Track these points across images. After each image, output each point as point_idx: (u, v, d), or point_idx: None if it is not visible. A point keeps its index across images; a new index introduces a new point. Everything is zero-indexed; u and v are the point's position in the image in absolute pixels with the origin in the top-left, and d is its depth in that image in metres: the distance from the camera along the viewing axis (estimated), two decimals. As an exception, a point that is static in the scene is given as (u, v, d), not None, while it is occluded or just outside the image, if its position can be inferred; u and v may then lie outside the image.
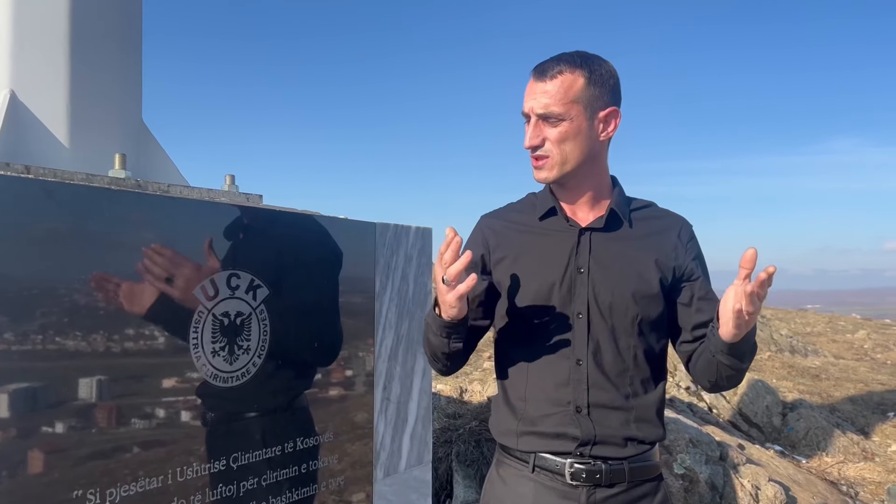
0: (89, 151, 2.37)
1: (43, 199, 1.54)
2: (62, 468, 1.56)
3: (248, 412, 1.97)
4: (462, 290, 1.39)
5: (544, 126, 1.55)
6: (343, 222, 2.34)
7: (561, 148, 1.55)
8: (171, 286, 1.76)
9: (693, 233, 1.68)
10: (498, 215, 1.73)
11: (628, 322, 1.57)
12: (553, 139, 1.55)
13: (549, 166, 1.57)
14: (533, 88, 1.56)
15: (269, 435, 2.02)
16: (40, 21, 2.30)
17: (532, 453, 1.59)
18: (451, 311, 1.45)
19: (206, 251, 1.84)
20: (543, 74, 1.55)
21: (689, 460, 4.13)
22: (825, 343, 11.32)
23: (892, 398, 7.60)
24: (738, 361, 1.47)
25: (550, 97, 1.53)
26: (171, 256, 1.76)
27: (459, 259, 1.37)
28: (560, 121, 1.54)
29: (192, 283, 1.80)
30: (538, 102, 1.54)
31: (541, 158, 1.57)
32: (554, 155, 1.56)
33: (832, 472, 5.47)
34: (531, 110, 1.56)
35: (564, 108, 1.53)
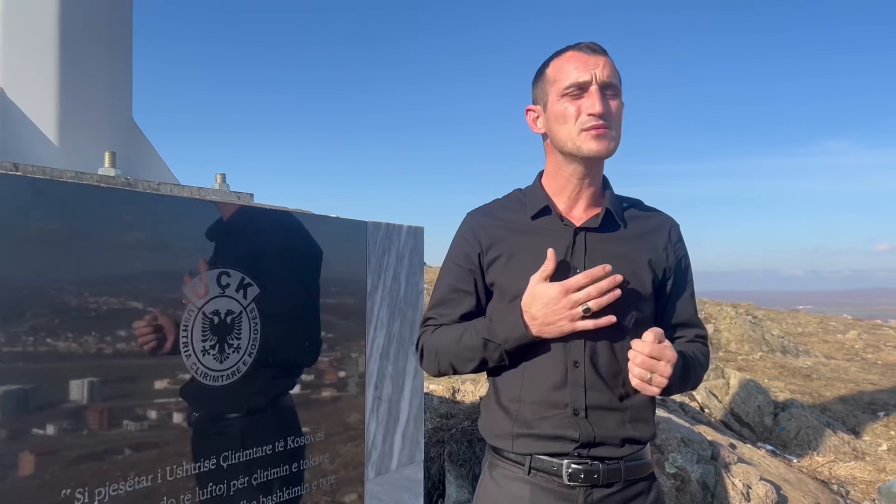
0: (79, 149, 2.36)
1: (32, 196, 1.53)
2: (52, 469, 1.55)
3: (238, 411, 1.96)
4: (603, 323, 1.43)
5: (604, 96, 1.51)
6: (334, 221, 2.33)
7: (618, 122, 1.54)
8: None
9: (681, 233, 1.69)
10: (487, 213, 1.68)
11: (624, 323, 1.55)
12: (614, 111, 1.52)
13: (612, 137, 1.53)
14: (588, 59, 1.51)
15: (260, 434, 2.01)
16: (30, 20, 2.29)
17: (528, 455, 1.57)
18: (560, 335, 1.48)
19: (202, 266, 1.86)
20: (595, 49, 1.52)
21: (680, 460, 4.14)
22: (816, 343, 11.37)
23: (883, 398, 7.65)
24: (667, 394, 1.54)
25: (611, 69, 1.52)
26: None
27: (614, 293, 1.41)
28: (617, 94, 1.53)
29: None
30: (602, 71, 1.50)
31: (605, 127, 1.51)
32: (615, 127, 1.53)
33: (823, 472, 5.49)
34: (596, 78, 1.50)
35: (619, 84, 1.53)
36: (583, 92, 1.51)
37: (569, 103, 1.53)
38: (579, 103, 1.52)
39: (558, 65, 1.56)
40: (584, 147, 1.52)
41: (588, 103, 1.50)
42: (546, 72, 1.59)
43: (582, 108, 1.51)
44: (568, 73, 1.52)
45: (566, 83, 1.52)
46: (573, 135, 1.52)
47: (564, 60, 1.55)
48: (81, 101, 2.40)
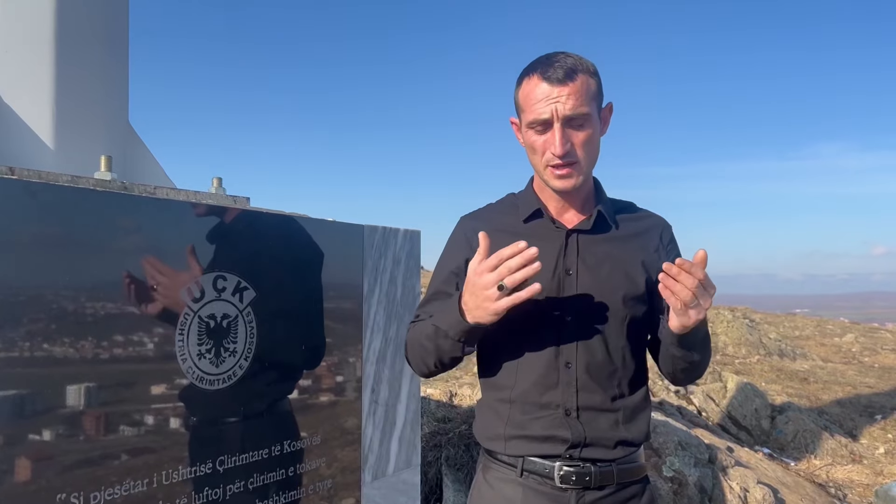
0: (74, 153, 2.36)
1: (27, 200, 1.52)
2: (48, 474, 1.54)
3: (235, 415, 1.96)
4: (524, 296, 1.36)
5: (568, 130, 1.49)
6: (331, 224, 2.33)
7: (587, 151, 1.51)
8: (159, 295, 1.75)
9: (673, 234, 1.69)
10: (479, 217, 1.69)
11: (617, 323, 1.56)
12: (580, 143, 1.49)
13: (576, 173, 1.51)
14: (551, 92, 1.47)
15: (256, 438, 2.01)
16: (26, 22, 2.29)
17: (520, 457, 1.57)
18: (493, 319, 1.42)
19: (189, 256, 1.84)
20: (562, 76, 1.46)
21: (678, 463, 4.14)
22: (813, 346, 11.39)
23: (880, 401, 7.66)
24: (688, 353, 1.50)
25: (577, 98, 1.46)
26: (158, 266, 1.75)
27: (531, 266, 1.34)
28: (585, 123, 1.49)
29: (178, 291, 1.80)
30: (565, 105, 1.46)
31: (570, 165, 1.50)
32: (582, 160, 1.50)
33: (820, 475, 5.49)
34: (556, 114, 1.47)
35: (589, 110, 1.48)
36: (546, 128, 1.49)
37: (535, 136, 1.52)
38: (544, 138, 1.51)
39: (525, 91, 1.52)
40: (549, 182, 1.54)
41: (550, 142, 1.49)
42: (517, 94, 1.56)
43: (546, 145, 1.50)
44: (532, 106, 1.49)
45: (530, 118, 1.51)
46: (540, 168, 1.54)
47: (531, 88, 1.50)
48: (77, 105, 2.40)
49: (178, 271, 1.80)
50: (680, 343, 1.47)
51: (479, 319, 1.43)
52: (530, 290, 1.36)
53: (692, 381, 1.64)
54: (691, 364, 1.53)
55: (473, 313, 1.43)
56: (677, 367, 1.55)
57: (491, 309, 1.40)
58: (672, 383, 1.75)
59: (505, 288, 1.36)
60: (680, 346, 1.48)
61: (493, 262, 1.38)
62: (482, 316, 1.42)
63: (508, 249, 1.36)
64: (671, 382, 1.69)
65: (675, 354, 1.51)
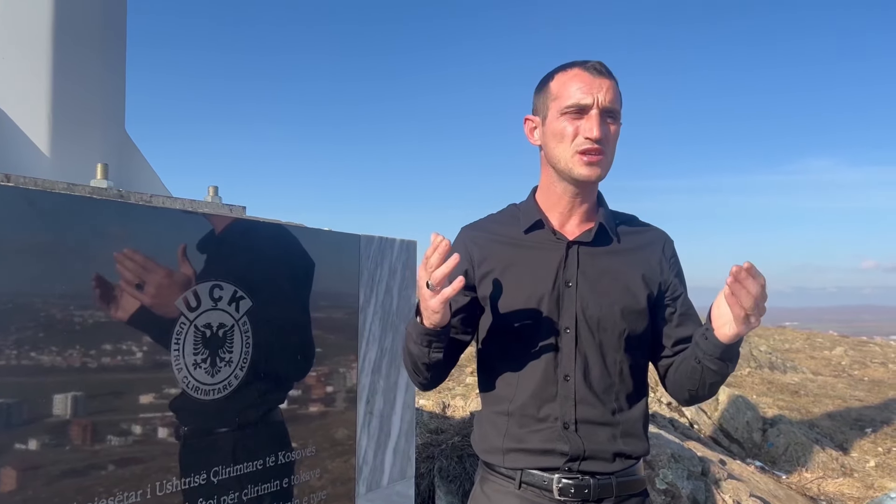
0: (71, 161, 2.34)
1: (24, 208, 1.51)
2: (36, 485, 1.52)
3: (229, 426, 1.94)
4: (448, 293, 1.36)
5: (604, 120, 1.50)
6: (327, 234, 2.33)
7: (613, 147, 1.54)
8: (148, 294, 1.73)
9: (675, 248, 1.68)
10: (480, 227, 1.68)
11: (616, 337, 1.55)
12: (612, 137, 1.52)
13: (604, 164, 1.52)
14: (593, 81, 1.50)
15: (251, 449, 1.99)
16: (22, 29, 2.28)
17: (518, 470, 1.56)
18: (434, 318, 1.42)
19: (180, 259, 1.82)
20: (602, 71, 1.51)
21: (671, 475, 4.14)
22: (804, 359, 11.43)
23: (870, 414, 7.69)
24: (725, 366, 1.46)
25: (614, 94, 1.50)
26: (145, 263, 1.73)
27: (446, 262, 1.34)
28: (616, 119, 1.52)
29: (171, 292, 1.78)
30: (605, 95, 1.49)
31: (600, 153, 1.50)
32: (608, 153, 1.52)
33: (812, 488, 5.50)
34: (598, 102, 1.49)
35: (620, 109, 1.52)
36: (583, 114, 1.50)
37: (567, 122, 1.52)
38: (578, 124, 1.51)
39: (562, 81, 1.54)
40: (575, 170, 1.53)
41: (587, 126, 1.49)
42: (549, 85, 1.57)
43: (580, 130, 1.50)
44: (571, 92, 1.51)
45: (568, 102, 1.51)
46: (567, 155, 1.52)
47: (569, 78, 1.52)
48: (74, 112, 2.39)
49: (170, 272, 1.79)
50: (723, 355, 1.43)
51: (428, 321, 1.44)
52: (452, 285, 1.36)
53: (710, 396, 1.59)
54: (722, 378, 1.50)
55: (423, 315, 1.45)
56: (706, 382, 1.51)
57: (429, 308, 1.41)
58: (684, 403, 1.69)
59: (432, 286, 1.37)
60: (722, 358, 1.44)
61: (423, 261, 1.39)
62: (428, 316, 1.43)
63: (430, 248, 1.36)
64: (684, 402, 1.65)
65: (710, 368, 1.46)
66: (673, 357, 1.61)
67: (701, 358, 1.47)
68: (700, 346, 1.46)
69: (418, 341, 1.50)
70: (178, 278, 1.80)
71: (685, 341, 1.59)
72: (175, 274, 1.80)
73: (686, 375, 1.54)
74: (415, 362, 1.57)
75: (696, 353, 1.48)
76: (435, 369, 1.57)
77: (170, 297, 1.78)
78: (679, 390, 1.59)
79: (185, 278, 1.82)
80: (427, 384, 1.63)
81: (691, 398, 1.59)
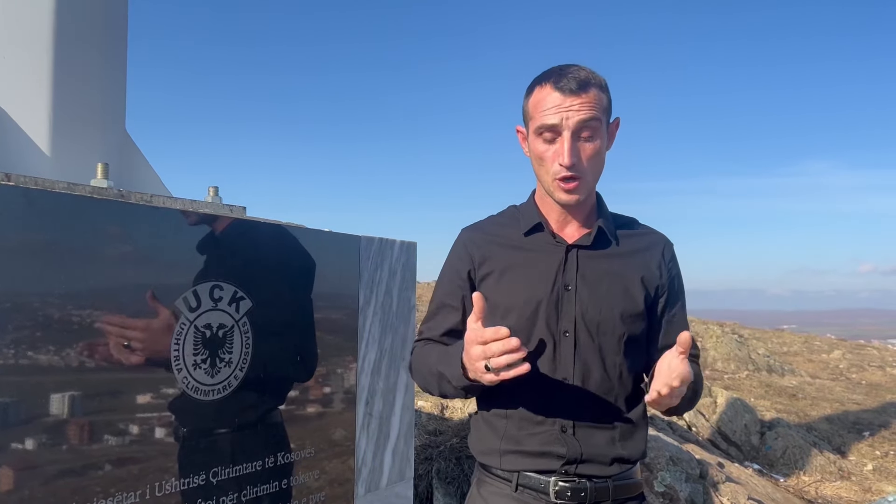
0: (71, 160, 2.34)
1: (25, 207, 1.51)
2: (31, 484, 1.52)
3: (229, 426, 1.94)
4: (510, 376, 1.30)
5: (577, 143, 1.47)
6: (327, 235, 2.32)
7: (592, 166, 1.50)
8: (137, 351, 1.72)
9: (674, 252, 1.68)
10: (479, 229, 1.68)
11: (615, 340, 1.55)
12: (587, 156, 1.48)
13: (584, 188, 1.51)
14: (563, 101, 1.45)
15: (250, 450, 1.99)
16: (23, 27, 2.27)
17: (515, 472, 1.56)
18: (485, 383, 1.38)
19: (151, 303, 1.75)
20: (575, 88, 1.46)
21: (669, 478, 4.13)
22: (801, 363, 11.44)
23: (868, 417, 7.70)
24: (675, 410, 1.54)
25: (589, 110, 1.46)
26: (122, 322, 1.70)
27: (513, 355, 1.28)
28: (594, 136, 1.48)
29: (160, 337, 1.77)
30: (576, 117, 1.45)
31: (576, 178, 1.49)
32: (587, 174, 1.50)
33: (810, 491, 5.50)
34: (566, 124, 1.46)
35: (597, 123, 1.48)
36: (556, 136, 1.48)
37: (543, 145, 1.51)
38: (553, 148, 1.49)
39: (537, 98, 1.51)
40: (555, 194, 1.53)
41: (560, 151, 1.47)
42: (528, 101, 1.55)
43: (555, 156, 1.49)
44: (543, 113, 1.48)
45: (539, 123, 1.49)
46: (548, 179, 1.53)
47: (543, 96, 1.49)
48: (75, 111, 2.39)
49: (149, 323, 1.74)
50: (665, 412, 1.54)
51: (477, 380, 1.40)
52: (516, 371, 1.30)
53: (680, 414, 1.65)
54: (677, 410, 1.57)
55: (471, 373, 1.40)
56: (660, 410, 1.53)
57: (483, 380, 1.37)
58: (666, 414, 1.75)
59: (493, 369, 1.31)
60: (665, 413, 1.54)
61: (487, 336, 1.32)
62: (479, 378, 1.38)
63: (490, 331, 1.30)
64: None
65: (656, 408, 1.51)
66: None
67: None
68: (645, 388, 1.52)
69: (457, 385, 1.47)
70: (159, 324, 1.76)
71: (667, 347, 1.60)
72: (153, 322, 1.75)
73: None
74: (443, 394, 1.57)
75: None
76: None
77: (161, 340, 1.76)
78: None
79: (167, 318, 1.78)
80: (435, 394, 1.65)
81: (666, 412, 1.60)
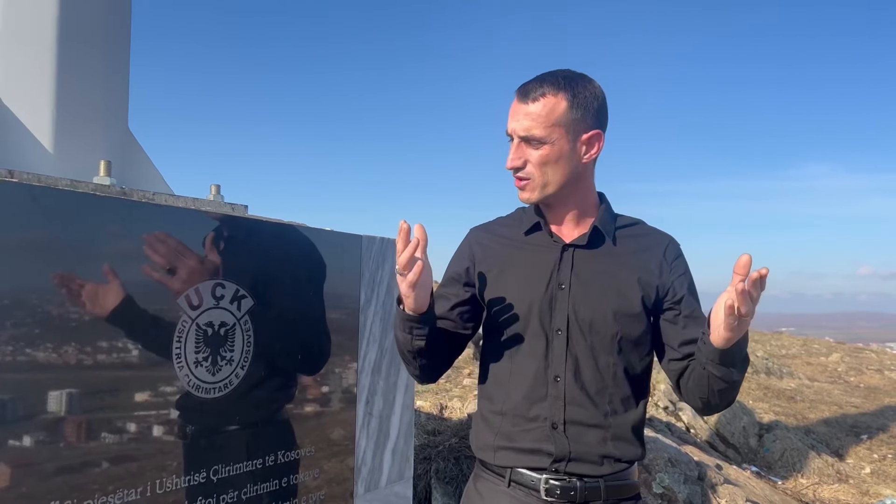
0: (74, 158, 2.35)
1: (28, 204, 1.51)
2: (30, 482, 1.52)
3: (230, 424, 1.94)
4: (412, 278, 1.40)
5: (526, 148, 1.54)
6: (329, 234, 2.33)
7: (542, 170, 1.55)
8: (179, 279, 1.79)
9: (680, 251, 1.68)
10: (486, 229, 1.73)
11: (608, 340, 1.56)
12: (534, 162, 1.55)
13: (531, 188, 1.57)
14: (516, 109, 1.55)
15: (251, 448, 1.99)
16: (27, 25, 2.28)
17: (508, 468, 1.58)
18: (409, 302, 1.46)
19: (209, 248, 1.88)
20: (526, 96, 1.54)
21: (667, 480, 4.14)
22: (800, 365, 11.45)
23: (866, 421, 7.71)
24: (728, 371, 1.43)
25: (532, 120, 1.52)
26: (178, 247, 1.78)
27: (408, 247, 1.38)
28: (541, 144, 1.53)
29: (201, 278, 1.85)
30: (521, 124, 1.54)
31: (523, 180, 1.57)
32: (535, 177, 1.56)
33: (807, 494, 5.51)
34: (513, 132, 1.56)
35: (546, 132, 1.52)
36: (510, 140, 1.59)
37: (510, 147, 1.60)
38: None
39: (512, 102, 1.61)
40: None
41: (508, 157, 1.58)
42: None
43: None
44: (508, 118, 1.59)
45: (506, 129, 1.61)
46: None
47: (511, 103, 1.59)
48: (77, 109, 2.39)
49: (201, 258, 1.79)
50: (723, 360, 1.41)
51: (407, 307, 1.49)
52: (414, 270, 1.39)
53: (725, 405, 1.56)
54: (730, 384, 1.47)
55: (403, 301, 1.49)
56: (714, 389, 1.48)
57: (402, 293, 1.46)
58: (701, 412, 1.67)
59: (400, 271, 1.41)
60: (722, 363, 1.42)
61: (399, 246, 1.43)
62: (405, 301, 1.48)
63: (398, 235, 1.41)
64: (700, 411, 1.64)
65: (713, 374, 1.44)
66: (682, 361, 1.60)
67: (704, 364, 1.46)
68: (701, 350, 1.46)
69: (401, 327, 1.54)
70: (207, 265, 1.87)
71: (692, 342, 1.57)
72: (205, 261, 1.86)
73: (696, 382, 1.53)
74: (402, 350, 1.61)
75: (700, 358, 1.48)
76: (425, 359, 1.60)
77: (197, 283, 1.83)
78: (692, 398, 1.58)
79: (213, 266, 1.88)
80: (420, 376, 1.66)
81: (704, 406, 1.57)
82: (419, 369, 1.63)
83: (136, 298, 1.70)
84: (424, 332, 1.52)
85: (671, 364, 1.63)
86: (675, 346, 1.61)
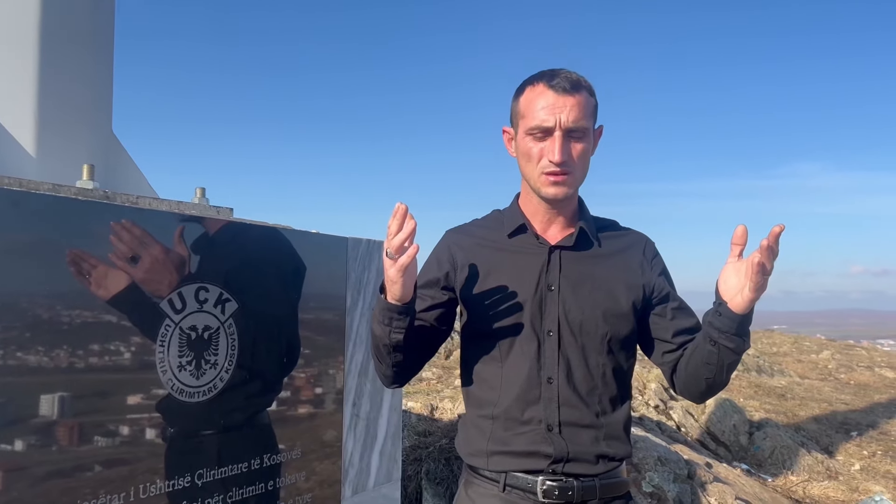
0: (56, 161, 2.33)
1: (8, 208, 1.51)
2: (20, 486, 1.52)
3: (214, 428, 1.94)
4: (404, 260, 1.37)
5: (568, 141, 1.52)
6: (315, 236, 2.33)
7: (582, 164, 1.55)
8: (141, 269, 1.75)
9: (656, 249, 1.70)
10: (464, 231, 1.70)
11: (598, 340, 1.57)
12: (577, 155, 1.53)
13: (571, 183, 1.54)
14: (556, 101, 1.50)
15: (235, 451, 1.99)
16: (9, 29, 2.27)
17: (503, 472, 1.57)
18: (395, 290, 1.43)
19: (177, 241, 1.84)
20: (569, 88, 1.51)
21: (657, 479, 4.15)
22: (791, 363, 11.50)
23: (856, 418, 7.75)
24: (742, 341, 1.45)
25: (579, 111, 1.50)
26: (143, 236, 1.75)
27: (403, 230, 1.36)
28: (584, 136, 1.53)
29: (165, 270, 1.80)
30: (568, 115, 1.50)
31: (565, 174, 1.53)
32: (576, 171, 1.54)
33: (797, 491, 5.53)
34: (560, 123, 1.50)
35: (588, 124, 1.53)
36: (546, 136, 1.52)
37: (533, 143, 1.54)
38: (542, 146, 1.53)
39: (529, 98, 1.55)
40: (542, 190, 1.56)
41: (550, 149, 1.51)
42: (518, 101, 1.58)
43: (544, 152, 1.53)
44: (535, 112, 1.52)
45: (532, 124, 1.53)
46: (535, 175, 1.55)
47: (535, 95, 1.53)
48: (60, 112, 2.38)
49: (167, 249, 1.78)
50: (740, 329, 1.43)
51: (390, 294, 1.45)
52: (408, 252, 1.37)
53: (725, 384, 1.56)
54: (738, 356, 1.48)
55: (387, 289, 1.46)
56: (724, 363, 1.48)
57: (389, 279, 1.42)
58: (701, 397, 1.65)
59: (391, 254, 1.39)
60: (739, 332, 1.43)
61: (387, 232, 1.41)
62: (390, 288, 1.44)
63: (391, 216, 1.38)
64: (699, 395, 1.61)
65: (727, 346, 1.45)
66: (678, 350, 1.61)
67: (717, 338, 1.46)
68: (714, 325, 1.46)
69: (380, 318, 1.50)
70: (173, 257, 1.82)
71: (685, 332, 1.60)
72: (171, 252, 1.82)
73: (702, 363, 1.52)
74: (377, 346, 1.55)
75: (710, 335, 1.47)
76: (400, 354, 1.54)
77: (162, 276, 1.79)
78: (694, 382, 1.57)
79: (179, 258, 1.83)
80: (391, 375, 1.60)
81: (708, 388, 1.56)
82: (392, 367, 1.58)
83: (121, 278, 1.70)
84: (404, 324, 1.49)
85: (665, 357, 1.64)
86: (668, 338, 1.62)
